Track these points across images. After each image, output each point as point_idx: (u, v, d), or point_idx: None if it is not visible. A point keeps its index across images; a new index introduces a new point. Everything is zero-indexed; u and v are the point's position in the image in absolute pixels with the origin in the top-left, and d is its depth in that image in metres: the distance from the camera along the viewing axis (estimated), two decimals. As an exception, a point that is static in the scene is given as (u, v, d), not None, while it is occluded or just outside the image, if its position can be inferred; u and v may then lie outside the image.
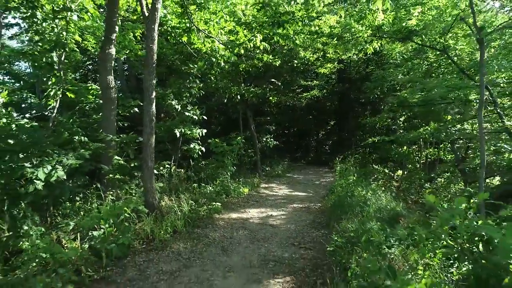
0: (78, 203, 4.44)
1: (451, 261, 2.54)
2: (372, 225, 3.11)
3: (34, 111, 8.23)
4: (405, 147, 11.26)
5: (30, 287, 2.59)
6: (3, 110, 4.61)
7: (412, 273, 2.16)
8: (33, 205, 3.67)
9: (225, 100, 8.24)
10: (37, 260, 3.02)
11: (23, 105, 8.98)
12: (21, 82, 10.87)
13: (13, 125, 3.93)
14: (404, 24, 5.37)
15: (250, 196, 7.07)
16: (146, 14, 4.99)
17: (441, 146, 10.87)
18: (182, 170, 7.14)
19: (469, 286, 2.27)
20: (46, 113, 8.63)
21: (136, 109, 6.72)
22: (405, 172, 11.72)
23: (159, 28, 5.62)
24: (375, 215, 4.07)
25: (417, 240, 2.61)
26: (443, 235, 2.38)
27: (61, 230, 3.65)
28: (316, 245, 3.98)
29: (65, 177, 3.57)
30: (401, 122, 11.99)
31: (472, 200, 2.73)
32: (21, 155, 3.74)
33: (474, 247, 2.31)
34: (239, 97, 8.57)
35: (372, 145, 11.84)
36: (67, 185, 3.98)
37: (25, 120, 4.76)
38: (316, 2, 4.51)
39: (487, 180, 8.47)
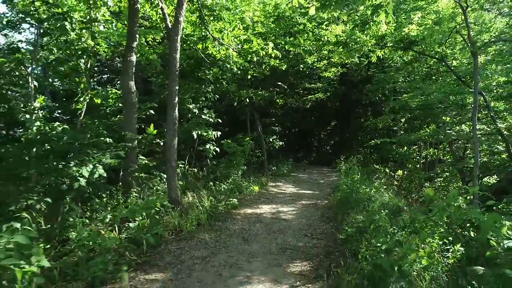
0: (105, 199, 4.89)
1: (448, 247, 2.98)
2: (378, 217, 3.55)
3: (57, 114, 8.65)
4: (405, 148, 11.72)
5: (87, 269, 3.01)
6: (40, 114, 5.07)
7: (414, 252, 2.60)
8: (75, 200, 4.12)
9: (235, 104, 8.68)
10: (83, 248, 3.45)
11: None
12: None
13: (54, 128, 4.38)
14: (405, 29, 5.80)
15: (260, 193, 7.51)
16: (170, 26, 5.44)
17: (440, 146, 11.33)
18: (195, 169, 7.60)
19: (462, 266, 2.72)
20: (65, 117, 9.08)
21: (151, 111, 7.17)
22: (405, 172, 12.16)
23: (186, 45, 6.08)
24: (380, 210, 4.51)
25: (418, 227, 3.07)
26: (440, 222, 2.84)
27: (99, 222, 4.10)
28: (326, 236, 4.43)
29: (105, 175, 4.01)
30: (402, 123, 12.45)
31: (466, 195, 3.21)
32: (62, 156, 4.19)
33: (465, 232, 2.76)
34: (247, 100, 9.03)
35: (374, 145, 12.30)
36: (103, 182, 4.42)
37: (57, 123, 5.22)
38: (326, 14, 4.95)
39: (485, 179, 8.94)
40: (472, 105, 6.04)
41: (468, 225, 2.83)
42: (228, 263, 3.45)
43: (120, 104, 6.91)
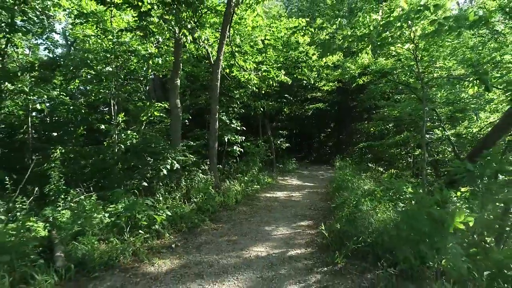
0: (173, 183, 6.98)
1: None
2: (356, 194, 5.68)
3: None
4: (394, 149, 13.82)
5: (184, 221, 5.11)
6: (123, 125, 7.21)
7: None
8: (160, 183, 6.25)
9: (252, 113, 10.82)
10: (175, 209, 5.55)
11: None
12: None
13: (128, 135, 6.51)
14: (380, 60, 7.91)
15: (273, 184, 9.64)
16: (212, 62, 7.56)
17: (428, 148, 13.43)
18: (220, 165, 9.72)
19: (402, 219, 4.83)
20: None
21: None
22: (394, 170, 14.26)
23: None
24: (360, 192, 6.63)
25: (377, 195, 5.21)
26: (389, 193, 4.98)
27: (172, 198, 6.21)
28: (324, 209, 6.55)
29: (179, 167, 6.13)
30: (390, 128, 14.56)
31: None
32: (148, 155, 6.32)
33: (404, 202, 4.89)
34: (261, 109, 11.17)
35: (367, 146, 14.40)
36: (176, 173, 6.55)
37: (129, 131, 7.35)
38: (324, 59, 7.08)
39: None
40: (435, 116, 8.20)
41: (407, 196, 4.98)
42: (262, 221, 5.57)
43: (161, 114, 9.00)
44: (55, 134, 8.80)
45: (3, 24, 7.27)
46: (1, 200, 4.34)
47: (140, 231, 4.20)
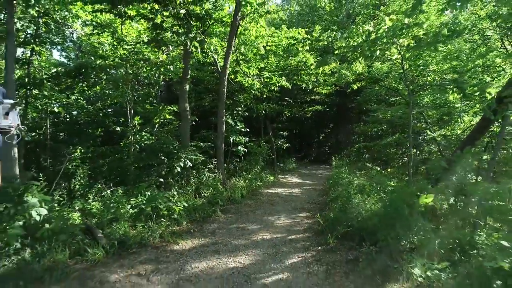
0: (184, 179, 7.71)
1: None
2: (349, 187, 6.40)
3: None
4: (390, 149, 14.54)
5: (198, 212, 5.83)
6: (138, 127, 7.94)
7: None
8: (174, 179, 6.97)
9: (255, 115, 11.55)
10: (186, 203, 6.27)
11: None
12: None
13: (142, 136, 7.23)
14: (375, 64, 8.65)
15: (274, 182, 10.36)
16: (219, 69, 8.28)
17: (420, 148, 14.15)
18: (225, 164, 10.45)
19: (382, 206, 5.55)
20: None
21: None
22: (391, 169, 14.98)
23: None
24: (352, 187, 7.35)
25: (365, 190, 5.94)
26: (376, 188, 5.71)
27: (185, 193, 6.93)
28: (320, 203, 7.27)
29: (191, 166, 6.85)
30: (385, 129, 15.28)
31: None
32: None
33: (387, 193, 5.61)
34: (263, 112, 11.90)
35: (364, 146, 15.14)
36: (187, 170, 7.28)
37: (143, 132, 8.08)
38: (321, 68, 7.81)
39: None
40: (423, 119, 8.93)
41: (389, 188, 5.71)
42: (265, 212, 6.29)
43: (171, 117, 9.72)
44: (72, 135, 9.53)
45: (28, 36, 8.03)
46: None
47: (162, 219, 4.92)
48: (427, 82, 7.31)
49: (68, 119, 9.10)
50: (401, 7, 10.10)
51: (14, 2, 5.85)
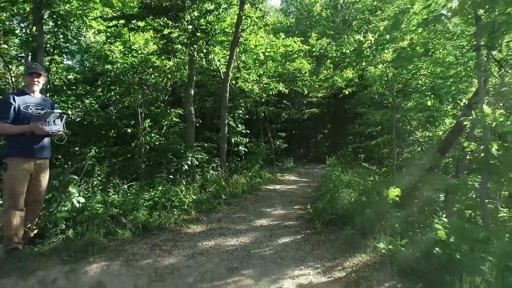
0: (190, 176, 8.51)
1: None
2: (337, 182, 7.21)
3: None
4: (383, 149, 15.37)
5: (204, 204, 6.64)
6: (148, 129, 8.74)
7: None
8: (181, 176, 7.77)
9: (254, 117, 12.37)
10: (194, 196, 7.08)
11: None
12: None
13: (152, 137, 8.02)
14: (371, 71, 9.48)
15: (273, 180, 11.17)
16: (222, 76, 9.08)
17: (411, 148, 14.98)
18: (227, 163, 11.26)
19: (360, 195, 6.36)
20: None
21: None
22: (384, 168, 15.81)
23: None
24: (340, 183, 8.16)
25: (352, 185, 6.76)
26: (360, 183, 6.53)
27: (192, 188, 7.74)
28: (313, 197, 8.08)
29: (197, 164, 7.66)
30: (378, 130, 16.11)
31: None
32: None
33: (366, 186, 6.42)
34: (262, 114, 12.71)
35: (360, 146, 15.97)
36: (193, 168, 8.08)
37: (152, 134, 8.89)
38: (315, 76, 8.63)
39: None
40: (408, 122, 9.75)
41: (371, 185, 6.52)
42: (264, 205, 7.10)
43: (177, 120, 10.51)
44: (87, 137, 10.33)
45: (48, 46, 8.83)
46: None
47: (174, 209, 5.72)
48: (410, 89, 8.12)
49: (85, 122, 9.88)
50: (395, 11, 10.96)
51: (43, 20, 6.66)
